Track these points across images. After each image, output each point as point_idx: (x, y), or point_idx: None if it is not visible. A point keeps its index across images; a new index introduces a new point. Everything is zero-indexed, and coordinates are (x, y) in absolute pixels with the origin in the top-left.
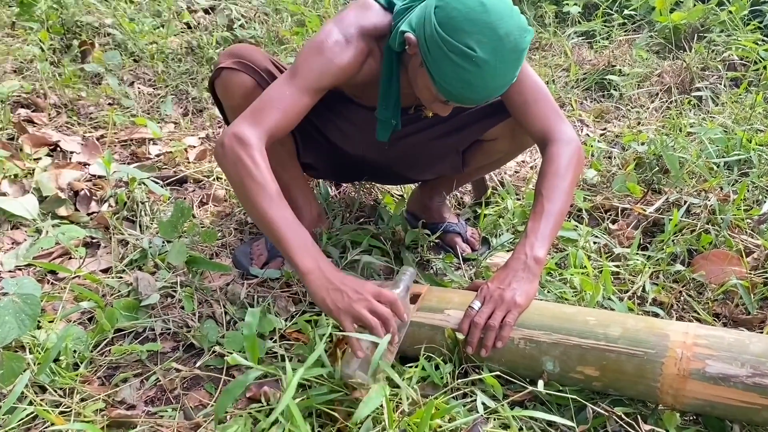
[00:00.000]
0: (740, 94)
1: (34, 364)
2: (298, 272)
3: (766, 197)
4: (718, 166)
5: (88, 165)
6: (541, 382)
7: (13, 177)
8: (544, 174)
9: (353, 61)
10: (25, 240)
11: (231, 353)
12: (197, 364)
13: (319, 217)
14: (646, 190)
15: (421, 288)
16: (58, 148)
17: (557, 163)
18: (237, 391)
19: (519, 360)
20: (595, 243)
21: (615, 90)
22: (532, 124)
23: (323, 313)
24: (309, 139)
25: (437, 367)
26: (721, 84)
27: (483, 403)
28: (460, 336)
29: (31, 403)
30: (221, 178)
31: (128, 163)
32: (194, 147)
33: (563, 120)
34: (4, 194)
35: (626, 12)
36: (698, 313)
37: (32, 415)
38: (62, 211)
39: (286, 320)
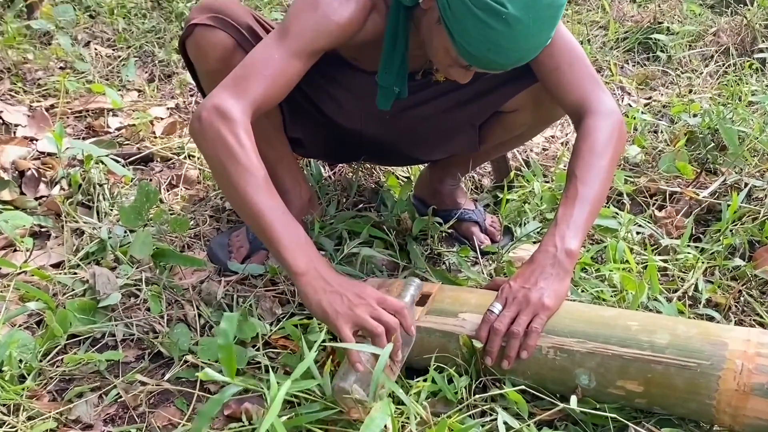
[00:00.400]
0: None
1: None
2: (289, 273)
3: None
4: None
5: (36, 140)
6: (573, 399)
7: None
8: (578, 152)
9: (354, 18)
10: None
11: (205, 364)
12: (166, 377)
13: (311, 203)
14: (699, 171)
15: (432, 287)
16: (1, 120)
17: (594, 138)
18: (212, 411)
19: (548, 373)
20: (638, 233)
21: (662, 51)
22: (565, 92)
23: (315, 318)
24: (297, 110)
25: (450, 381)
26: None
27: (505, 423)
28: (478, 344)
29: None
30: (194, 156)
31: (83, 138)
32: (162, 119)
33: (602, 88)
34: None
35: None
36: (761, 317)
37: None
38: (5, 194)
39: (271, 324)
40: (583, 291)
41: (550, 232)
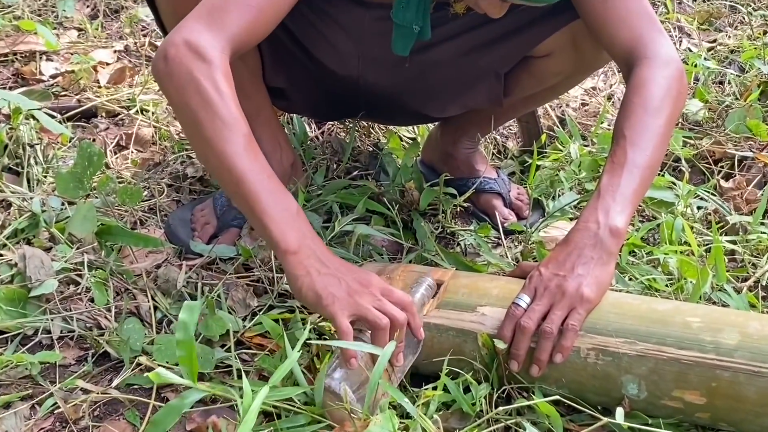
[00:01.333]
0: None
1: None
2: (276, 251)
3: None
4: None
5: None
6: (619, 412)
7: None
8: (628, 107)
9: None
10: None
11: (162, 367)
12: (114, 383)
13: (293, 169)
14: None
15: (443, 274)
16: None
17: (648, 91)
18: (169, 422)
19: (587, 380)
20: (700, 208)
21: None
22: (613, 32)
23: (299, 309)
24: (280, 53)
25: (467, 390)
26: None
27: None
28: (501, 345)
29: None
30: (148, 110)
31: (10, 88)
32: (107, 64)
33: (659, 29)
34: None
35: None
36: None
37: None
38: None
39: (244, 320)
40: (631, 279)
41: (590, 206)
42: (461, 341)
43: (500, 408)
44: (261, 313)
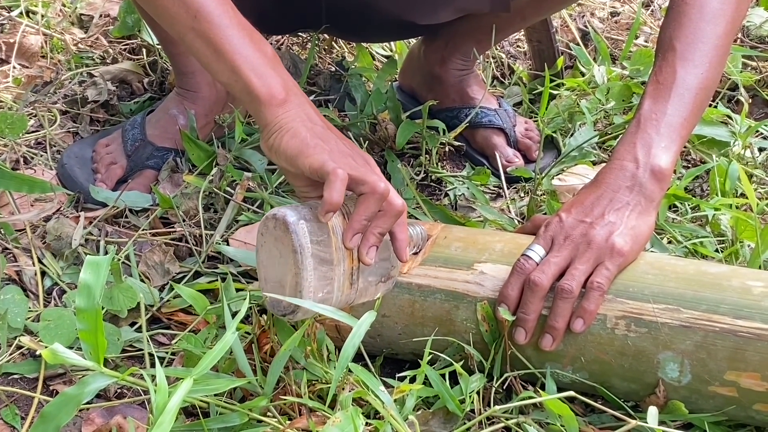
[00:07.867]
0: None
1: None
2: (253, 103)
3: None
4: None
5: None
6: (652, 412)
7: None
8: (678, 10)
9: None
10: None
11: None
12: None
13: (230, 94)
14: None
15: (432, 227)
16: None
17: None
18: (63, 418)
19: (614, 359)
20: (762, 150)
21: None
22: None
23: (235, 276)
24: None
25: (455, 380)
26: None
27: None
28: (507, 316)
29: None
30: (35, 12)
31: None
32: None
33: None
34: None
35: None
36: None
37: None
38: None
39: (161, 290)
40: (671, 242)
41: (627, 139)
42: (451, 307)
43: (498, 407)
44: (184, 281)
